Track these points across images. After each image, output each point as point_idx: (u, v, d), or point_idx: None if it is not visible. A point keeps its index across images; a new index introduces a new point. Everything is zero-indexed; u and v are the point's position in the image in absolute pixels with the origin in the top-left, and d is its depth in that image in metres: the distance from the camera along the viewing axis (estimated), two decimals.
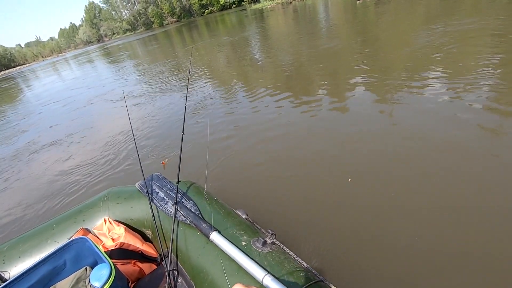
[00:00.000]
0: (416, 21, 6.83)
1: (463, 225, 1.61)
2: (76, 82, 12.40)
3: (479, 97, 2.77)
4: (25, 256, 1.29)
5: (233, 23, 21.15)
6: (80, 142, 4.73)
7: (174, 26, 49.12)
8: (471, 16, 5.77)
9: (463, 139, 2.27)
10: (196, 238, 1.21)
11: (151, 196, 1.42)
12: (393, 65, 4.20)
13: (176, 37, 22.93)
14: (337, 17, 10.90)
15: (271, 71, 5.71)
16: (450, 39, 4.59)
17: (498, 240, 1.49)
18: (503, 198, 1.70)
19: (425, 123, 2.61)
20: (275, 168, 2.57)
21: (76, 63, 24.67)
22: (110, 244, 1.30)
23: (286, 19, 15.36)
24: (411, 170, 2.10)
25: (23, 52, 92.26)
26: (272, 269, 0.95)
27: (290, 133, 3.06)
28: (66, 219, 1.41)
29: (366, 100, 3.36)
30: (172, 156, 3.29)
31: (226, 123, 3.78)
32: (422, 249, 1.55)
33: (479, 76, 3.14)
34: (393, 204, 1.86)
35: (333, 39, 7.09)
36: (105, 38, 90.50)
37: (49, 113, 7.67)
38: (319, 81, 4.42)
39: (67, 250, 1.12)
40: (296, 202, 2.11)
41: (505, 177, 1.83)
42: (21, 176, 4.05)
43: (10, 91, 16.80)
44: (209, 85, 5.89)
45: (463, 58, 3.76)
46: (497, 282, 1.34)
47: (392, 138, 2.54)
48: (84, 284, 1.10)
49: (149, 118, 4.83)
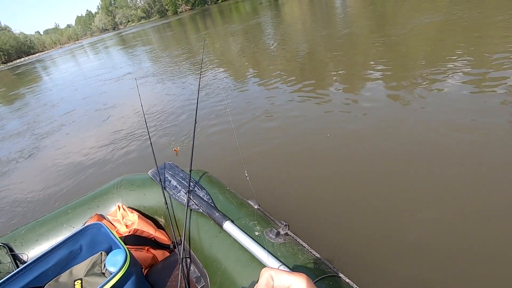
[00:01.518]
0: (437, 12, 6.49)
1: (495, 230, 1.54)
2: (89, 71, 12.59)
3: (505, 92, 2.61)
4: (42, 239, 1.32)
5: (247, 11, 20.81)
6: (94, 129, 4.82)
7: (188, 14, 48.90)
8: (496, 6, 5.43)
9: (490, 137, 2.16)
10: (209, 227, 1.21)
11: (164, 184, 1.43)
12: (411, 58, 4.03)
13: (190, 25, 22.83)
14: (355, 6, 10.52)
15: (285, 59, 5.59)
16: (472, 34, 4.34)
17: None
18: None
19: (450, 119, 2.49)
20: (291, 165, 2.51)
21: (93, 51, 25.02)
22: (123, 230, 1.32)
23: (301, 6, 14.98)
24: (431, 172, 2.01)
25: (42, 39, 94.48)
26: (286, 260, 0.94)
27: (310, 131, 2.94)
28: (81, 205, 1.44)
29: (383, 96, 3.23)
30: (184, 144, 3.30)
31: (244, 113, 3.73)
32: (438, 249, 1.50)
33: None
34: (410, 205, 1.80)
35: (351, 27, 6.86)
36: (120, 26, 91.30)
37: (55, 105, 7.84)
38: (333, 71, 4.30)
39: (83, 235, 1.13)
40: (310, 197, 2.08)
41: None
42: (37, 158, 4.19)
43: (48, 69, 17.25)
44: (222, 73, 5.84)
45: (488, 49, 3.56)
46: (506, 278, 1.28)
47: (412, 138, 2.42)
48: (99, 269, 1.12)
49: (162, 106, 4.85)
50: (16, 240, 1.32)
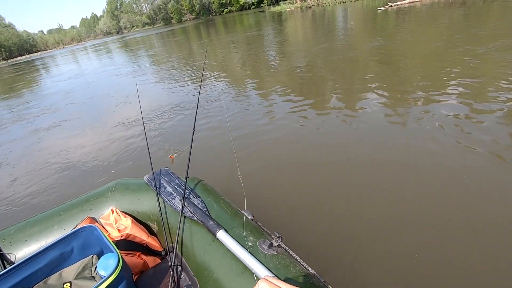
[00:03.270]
0: (437, 32, 6.69)
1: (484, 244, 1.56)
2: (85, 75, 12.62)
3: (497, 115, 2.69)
4: (31, 240, 1.30)
5: (251, 24, 21.19)
6: (92, 131, 4.81)
7: (192, 23, 49.57)
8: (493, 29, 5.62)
9: (482, 155, 2.21)
10: (202, 235, 1.20)
11: (159, 190, 1.43)
12: (410, 76, 4.13)
13: (193, 33, 23.13)
14: (357, 24, 10.79)
15: (285, 73, 5.69)
16: (470, 54, 4.48)
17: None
18: None
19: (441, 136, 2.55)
20: (285, 172, 2.55)
21: (95, 53, 25.14)
22: (115, 234, 1.31)
23: (304, 22, 15.30)
24: (425, 186, 2.06)
25: (45, 38, 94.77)
26: (278, 271, 0.94)
27: (307, 140, 3.00)
28: (74, 207, 1.42)
29: (381, 110, 3.30)
30: (180, 151, 3.30)
31: (239, 123, 3.77)
32: (431, 262, 1.51)
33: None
34: (403, 218, 1.82)
35: (352, 45, 7.02)
36: (124, 30, 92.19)
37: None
38: (331, 87, 4.38)
39: (76, 237, 1.12)
40: (303, 207, 2.09)
41: None
42: (30, 159, 4.15)
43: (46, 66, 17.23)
44: (222, 83, 5.91)
45: (482, 73, 3.67)
46: None
47: (407, 152, 2.49)
48: (90, 272, 1.11)
49: (161, 113, 4.86)
50: (5, 240, 1.29)
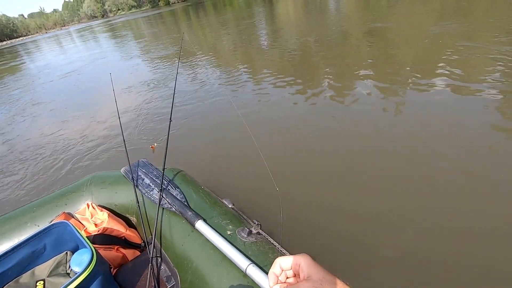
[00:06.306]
0: (430, 15, 6.59)
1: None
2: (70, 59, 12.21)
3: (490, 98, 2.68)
4: (3, 239, 1.26)
5: (241, 6, 20.57)
6: (65, 123, 4.58)
7: (181, 5, 47.93)
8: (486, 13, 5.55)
9: (472, 137, 2.22)
10: (181, 226, 1.20)
11: (136, 182, 1.40)
12: (403, 60, 4.08)
13: (182, 16, 22.40)
14: (349, 7, 10.56)
15: (276, 56, 5.58)
16: (462, 36, 4.43)
17: None
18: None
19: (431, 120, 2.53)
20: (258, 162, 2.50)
21: (81, 39, 24.23)
22: (92, 229, 1.29)
23: (296, 4, 14.91)
24: (415, 174, 2.05)
25: (26, 23, 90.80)
26: (257, 258, 0.96)
27: (303, 127, 2.93)
28: (48, 203, 1.38)
29: (376, 98, 3.22)
30: (161, 141, 3.21)
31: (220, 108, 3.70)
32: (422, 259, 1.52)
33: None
34: (392, 210, 1.82)
35: (343, 27, 6.88)
36: (109, 14, 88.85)
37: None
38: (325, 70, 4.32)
39: (48, 233, 1.09)
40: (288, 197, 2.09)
41: None
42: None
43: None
44: (201, 69, 5.73)
45: (474, 58, 3.64)
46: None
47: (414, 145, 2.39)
48: (64, 269, 1.09)
49: (138, 104, 4.62)
50: None
